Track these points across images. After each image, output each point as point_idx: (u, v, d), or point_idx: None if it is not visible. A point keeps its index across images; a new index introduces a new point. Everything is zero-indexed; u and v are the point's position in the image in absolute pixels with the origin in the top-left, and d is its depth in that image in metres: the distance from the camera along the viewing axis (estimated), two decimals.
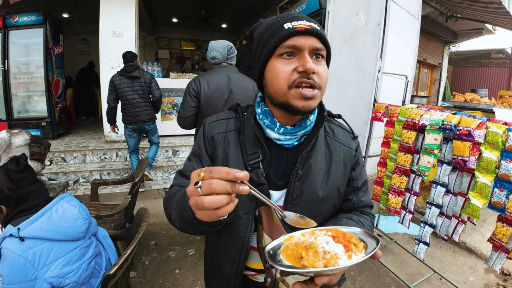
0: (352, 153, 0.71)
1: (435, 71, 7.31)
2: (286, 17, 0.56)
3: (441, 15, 5.28)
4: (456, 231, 1.69)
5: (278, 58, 0.56)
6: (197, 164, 0.69)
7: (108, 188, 3.32)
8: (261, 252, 0.65)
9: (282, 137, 0.62)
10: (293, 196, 0.63)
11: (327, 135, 0.70)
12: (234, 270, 0.68)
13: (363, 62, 2.71)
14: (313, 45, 0.54)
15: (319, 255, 0.41)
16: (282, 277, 0.59)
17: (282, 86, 0.55)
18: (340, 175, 0.68)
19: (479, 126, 1.47)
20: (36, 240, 1.01)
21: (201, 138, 0.70)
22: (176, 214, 0.57)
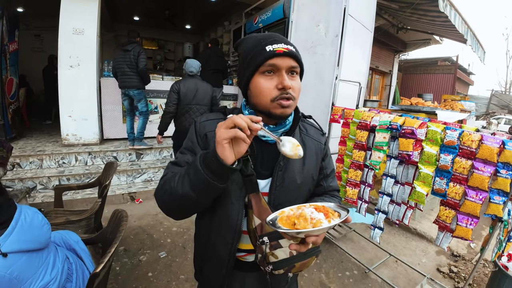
0: (322, 147, 0.87)
1: (386, 77, 8.07)
2: (268, 40, 0.69)
3: (392, 26, 5.85)
4: (406, 216, 1.96)
5: (261, 75, 0.69)
6: (191, 156, 0.77)
7: (69, 194, 3.13)
8: (251, 233, 0.75)
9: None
10: (277, 183, 0.76)
11: (302, 132, 0.85)
12: (228, 251, 0.77)
13: (322, 70, 2.96)
14: (289, 65, 0.68)
15: (307, 221, 0.55)
16: (271, 251, 0.70)
17: (266, 100, 0.69)
18: (313, 165, 0.84)
19: (421, 126, 1.75)
20: (17, 254, 0.95)
21: (194, 135, 0.79)
22: (181, 182, 0.64)
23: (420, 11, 4.43)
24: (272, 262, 0.71)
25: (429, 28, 5.57)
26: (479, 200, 1.52)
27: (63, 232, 1.42)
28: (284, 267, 0.71)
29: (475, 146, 1.51)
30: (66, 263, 1.20)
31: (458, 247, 2.76)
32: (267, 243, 0.70)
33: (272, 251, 0.70)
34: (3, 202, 1.01)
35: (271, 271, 0.71)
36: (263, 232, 0.71)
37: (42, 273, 1.01)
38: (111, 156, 3.88)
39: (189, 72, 3.03)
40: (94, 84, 3.94)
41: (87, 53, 3.76)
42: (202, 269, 0.88)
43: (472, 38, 4.42)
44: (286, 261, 0.71)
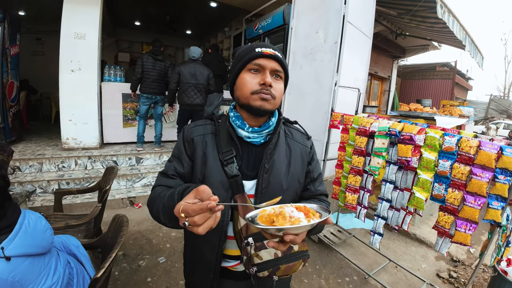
0: (308, 150, 0.89)
1: (385, 83, 8.13)
2: (259, 44, 0.76)
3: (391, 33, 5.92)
4: (405, 221, 1.97)
5: (247, 72, 0.74)
6: (178, 164, 0.80)
7: (68, 198, 3.13)
8: (237, 235, 0.76)
9: (251, 135, 0.77)
10: (262, 186, 0.77)
11: (287, 136, 0.87)
12: (215, 254, 0.79)
13: (322, 76, 3.00)
14: (273, 67, 0.73)
15: (286, 219, 0.54)
16: (256, 252, 0.71)
17: (246, 92, 0.74)
18: (299, 168, 0.85)
19: (419, 132, 1.77)
20: (20, 258, 0.96)
21: (181, 142, 0.82)
22: (165, 216, 0.64)
23: (418, 18, 4.49)
24: (256, 263, 0.71)
25: (427, 34, 5.64)
26: (477, 206, 1.53)
27: (63, 237, 1.42)
28: (269, 268, 0.71)
29: (473, 152, 1.53)
30: (68, 268, 1.20)
31: (458, 253, 2.76)
32: (252, 244, 0.71)
33: (256, 252, 0.71)
34: (8, 206, 1.02)
35: (255, 272, 0.71)
36: (248, 233, 0.72)
37: (44, 278, 1.01)
38: (111, 161, 3.88)
39: (192, 57, 3.73)
40: (95, 88, 3.96)
41: (88, 57, 3.78)
42: (191, 276, 0.89)
43: (470, 44, 4.47)
44: (271, 263, 0.71)
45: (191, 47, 3.79)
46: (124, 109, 4.49)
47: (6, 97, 3.87)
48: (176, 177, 0.78)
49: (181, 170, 0.79)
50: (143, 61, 3.86)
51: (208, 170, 0.76)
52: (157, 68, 3.91)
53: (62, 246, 1.37)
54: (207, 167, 0.76)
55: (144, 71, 3.87)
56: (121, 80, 4.52)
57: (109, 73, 4.43)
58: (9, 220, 0.99)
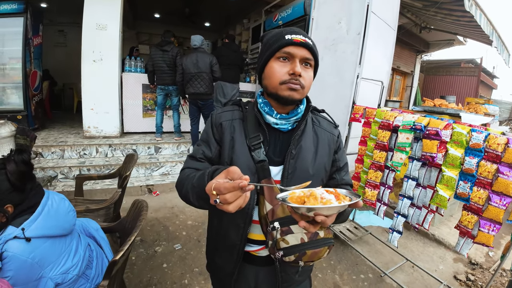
0: (335, 139, 0.88)
1: (407, 78, 7.83)
2: (289, 31, 0.72)
3: (415, 26, 5.66)
4: (426, 220, 1.89)
5: (276, 60, 0.72)
6: (206, 148, 0.81)
7: (88, 184, 3.24)
8: (262, 220, 0.76)
9: (279, 121, 0.77)
10: (289, 171, 0.76)
11: (314, 124, 0.86)
12: (240, 235, 0.79)
13: (343, 68, 2.90)
14: (304, 55, 0.71)
15: (317, 199, 0.53)
16: (282, 237, 0.71)
17: (275, 82, 0.72)
18: (326, 155, 0.84)
19: (446, 127, 1.68)
20: (40, 239, 0.98)
21: (209, 127, 0.83)
22: (194, 195, 0.66)
23: (444, 10, 4.27)
24: (282, 248, 0.71)
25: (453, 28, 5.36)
26: (502, 206, 1.46)
27: (83, 220, 1.46)
28: (295, 253, 0.71)
29: (501, 150, 1.45)
30: (88, 250, 1.23)
31: (476, 255, 2.64)
32: (278, 228, 0.71)
33: (283, 236, 0.71)
34: (32, 187, 1.05)
35: (281, 257, 0.71)
36: (274, 217, 0.72)
37: (64, 259, 1.04)
38: (130, 149, 3.98)
39: (193, 46, 3.71)
40: (116, 78, 4.06)
41: (110, 48, 3.88)
42: (214, 257, 0.90)
43: (497, 40, 4.24)
44: (297, 247, 0.71)
45: (192, 36, 3.75)
46: (144, 100, 4.58)
47: (29, 86, 4.05)
48: (204, 160, 0.80)
49: (209, 154, 0.80)
50: (152, 54, 3.98)
51: (236, 154, 0.76)
52: (166, 59, 3.95)
53: (82, 229, 1.41)
54: (235, 152, 0.77)
55: (154, 63, 3.97)
56: (141, 71, 4.61)
57: (129, 64, 4.52)
58: (31, 201, 1.02)
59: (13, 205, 0.98)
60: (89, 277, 1.17)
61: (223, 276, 0.88)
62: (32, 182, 1.05)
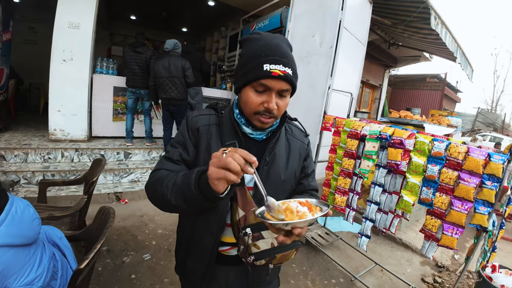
0: (305, 147, 0.93)
1: (376, 91, 8.29)
2: (268, 57, 0.69)
3: (384, 42, 6.04)
4: (393, 224, 2.00)
5: (252, 89, 0.72)
6: (183, 150, 0.80)
7: (53, 190, 3.03)
8: (234, 226, 0.77)
9: (254, 132, 0.80)
10: (262, 177, 0.79)
11: (287, 132, 0.90)
12: (213, 241, 0.81)
13: (316, 79, 3.03)
14: (281, 88, 0.71)
15: (294, 213, 0.59)
16: (254, 242, 0.73)
17: (249, 110, 0.74)
18: (296, 163, 0.89)
19: (410, 137, 1.81)
20: (3, 248, 0.91)
21: (185, 129, 0.82)
22: (174, 192, 0.66)
23: (412, 28, 4.60)
24: (254, 253, 0.73)
25: (420, 45, 5.78)
26: (464, 210, 1.57)
27: (46, 228, 1.37)
28: (266, 257, 0.73)
29: (461, 158, 1.57)
30: (52, 261, 1.15)
31: (443, 258, 2.82)
32: (250, 234, 0.73)
33: (254, 242, 0.73)
34: None
35: (252, 261, 0.73)
36: (246, 224, 0.74)
37: (28, 270, 0.97)
38: (98, 154, 3.79)
39: (165, 49, 3.62)
40: (86, 80, 3.87)
41: (82, 48, 3.70)
42: (185, 260, 0.89)
43: (461, 56, 4.60)
44: (268, 252, 0.73)
45: (167, 40, 3.66)
46: (115, 103, 4.41)
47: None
48: (181, 163, 0.79)
49: (186, 156, 0.80)
50: (124, 54, 3.86)
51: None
52: (138, 61, 3.83)
53: (45, 237, 1.32)
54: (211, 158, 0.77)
55: (126, 64, 3.85)
56: (113, 73, 4.43)
57: (101, 65, 4.35)
58: None
59: None
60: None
61: (194, 278, 0.87)
62: None
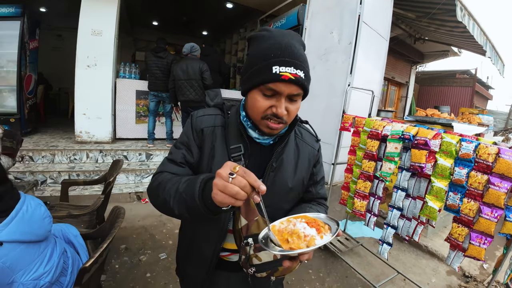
0: (315, 153, 0.86)
1: (402, 88, 7.90)
2: (277, 58, 0.61)
3: (409, 37, 5.74)
4: (416, 232, 1.85)
5: (259, 92, 0.65)
6: (187, 152, 0.76)
7: (77, 190, 3.18)
8: (236, 234, 0.73)
9: (261, 137, 0.74)
10: (267, 184, 0.73)
11: (297, 136, 0.83)
12: (212, 250, 0.77)
13: (334, 77, 2.92)
14: (291, 92, 0.63)
15: (301, 238, 0.54)
16: (256, 253, 0.69)
17: (256, 115, 0.68)
18: (305, 169, 0.82)
19: (435, 137, 1.66)
20: (13, 244, 0.94)
21: (190, 129, 0.77)
22: (177, 201, 0.62)
23: (437, 21, 4.32)
24: (255, 264, 0.69)
25: (447, 39, 5.43)
26: (494, 218, 1.42)
27: (62, 225, 1.42)
28: (267, 270, 0.69)
29: (491, 160, 1.42)
30: (63, 257, 1.19)
31: (470, 267, 2.59)
32: (252, 244, 0.68)
33: (256, 253, 0.69)
34: (5, 191, 1.01)
35: (253, 273, 0.69)
36: (249, 233, 0.69)
37: (37, 265, 1.00)
38: (121, 155, 3.94)
39: (183, 53, 3.75)
40: (109, 84, 4.04)
41: (105, 54, 3.88)
42: (184, 266, 0.87)
43: (491, 50, 4.26)
44: (270, 264, 0.69)
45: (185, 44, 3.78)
46: (137, 106, 4.56)
47: (23, 89, 4.04)
48: (185, 165, 0.75)
49: (190, 159, 0.75)
50: (146, 59, 4.04)
51: (215, 164, 0.73)
52: (160, 66, 3.96)
53: (61, 234, 1.37)
54: (214, 162, 0.73)
55: (148, 69, 3.99)
56: (135, 77, 4.60)
57: (124, 70, 4.52)
58: (4, 205, 0.98)
59: None
60: (63, 284, 1.12)
61: (193, 284, 0.85)
62: (4, 186, 1.01)
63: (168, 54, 4.04)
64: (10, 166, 1.78)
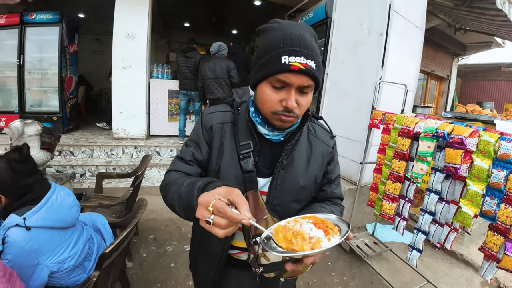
0: (329, 150, 0.81)
1: (443, 83, 7.25)
2: (287, 48, 0.59)
3: (449, 26, 5.24)
4: (448, 239, 1.69)
5: (268, 85, 0.63)
6: (196, 150, 0.76)
7: (113, 182, 3.42)
8: (245, 232, 0.71)
9: (271, 133, 0.71)
10: (277, 182, 0.72)
11: (310, 133, 0.79)
12: (221, 248, 0.77)
13: (365, 71, 2.76)
14: (301, 83, 0.60)
15: (306, 240, 0.50)
16: (264, 253, 0.67)
17: (266, 110, 0.66)
18: (318, 167, 0.77)
19: (472, 135, 1.49)
20: (40, 229, 1.04)
21: (199, 127, 0.77)
22: (181, 207, 0.61)
23: (477, 9, 3.88)
24: (263, 264, 0.67)
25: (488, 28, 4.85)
26: None
27: (93, 214, 1.54)
28: (275, 270, 0.67)
29: None
30: (89, 243, 1.28)
31: (506, 279, 2.31)
32: (260, 244, 0.65)
33: (264, 252, 0.67)
34: (35, 181, 1.12)
35: (261, 273, 0.67)
36: (257, 232, 0.67)
37: (62, 250, 1.09)
38: (154, 151, 4.16)
39: (211, 52, 3.84)
40: (143, 84, 4.29)
41: (138, 56, 4.12)
42: (196, 261, 0.89)
43: None
44: (278, 265, 0.66)
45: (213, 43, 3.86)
46: (170, 104, 4.78)
47: (65, 90, 4.41)
48: (194, 163, 0.75)
49: (199, 156, 0.75)
50: (177, 60, 4.20)
51: (224, 162, 0.72)
52: (189, 65, 4.10)
53: (90, 222, 1.48)
54: (224, 159, 0.73)
55: (179, 69, 4.17)
56: (168, 77, 4.82)
57: (157, 71, 4.76)
58: (35, 194, 1.09)
59: (5, 196, 1.05)
60: (86, 268, 1.22)
61: (204, 280, 0.86)
62: (34, 177, 1.12)
63: (196, 53, 4.17)
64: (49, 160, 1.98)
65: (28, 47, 4.20)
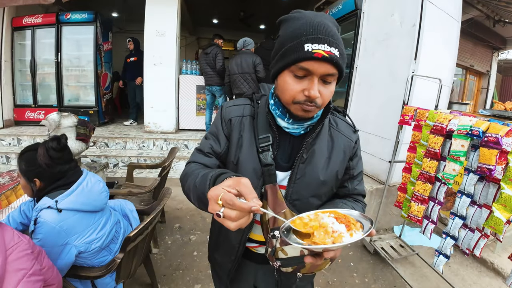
0: (352, 145, 0.78)
1: (482, 78, 6.62)
2: (310, 35, 0.57)
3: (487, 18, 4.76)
4: (478, 246, 1.57)
5: (290, 74, 0.61)
6: (214, 142, 0.77)
7: (144, 173, 3.64)
8: (263, 225, 0.72)
9: (291, 126, 0.70)
10: (297, 176, 0.71)
11: (331, 127, 0.77)
12: (239, 239, 0.77)
13: (396, 64, 2.61)
14: (325, 72, 0.58)
15: (328, 234, 0.49)
16: (282, 247, 0.67)
17: (288, 99, 0.64)
18: (340, 162, 0.75)
19: (508, 134, 1.36)
20: (71, 212, 1.12)
21: (219, 120, 0.78)
22: (195, 196, 0.61)
23: None
24: (280, 258, 0.67)
25: None
26: None
27: (122, 201, 1.66)
28: (293, 265, 0.67)
29: None
30: (116, 227, 1.39)
31: None
32: (278, 238, 0.66)
33: (282, 246, 0.67)
34: (69, 168, 1.23)
35: (278, 267, 0.68)
36: (276, 225, 0.68)
37: (90, 232, 1.19)
38: (182, 144, 4.34)
39: (237, 48, 3.92)
40: (173, 80, 4.48)
41: (168, 52, 4.30)
42: (214, 253, 0.90)
43: None
44: (296, 259, 0.66)
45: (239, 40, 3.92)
46: (197, 99, 4.94)
47: (100, 85, 4.73)
48: (212, 155, 0.76)
49: (218, 149, 0.76)
50: (199, 58, 4.32)
51: (243, 154, 0.73)
52: (207, 61, 4.19)
53: (119, 208, 1.59)
54: (242, 152, 0.73)
55: (201, 66, 4.31)
56: (196, 74, 4.96)
57: (186, 67, 4.93)
58: (68, 179, 1.19)
59: (40, 180, 1.15)
60: (112, 250, 1.32)
61: (221, 272, 0.88)
62: (69, 164, 1.23)
63: (214, 48, 4.19)
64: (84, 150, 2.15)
65: (64, 45, 4.53)
